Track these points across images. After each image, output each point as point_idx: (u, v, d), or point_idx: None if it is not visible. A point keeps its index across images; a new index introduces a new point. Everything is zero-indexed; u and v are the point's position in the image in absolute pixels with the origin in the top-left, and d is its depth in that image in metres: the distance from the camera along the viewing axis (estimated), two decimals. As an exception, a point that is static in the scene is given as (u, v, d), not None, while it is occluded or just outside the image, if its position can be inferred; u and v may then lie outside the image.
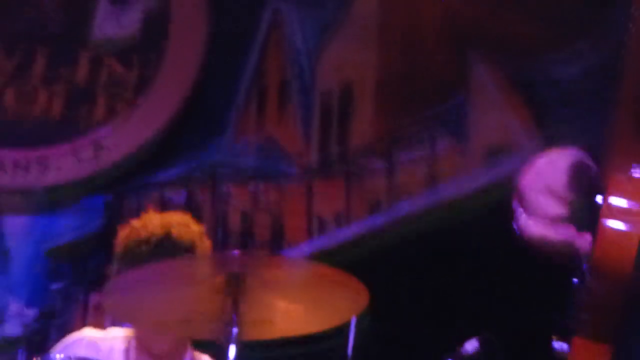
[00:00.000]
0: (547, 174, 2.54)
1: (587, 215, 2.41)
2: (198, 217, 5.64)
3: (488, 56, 7.09)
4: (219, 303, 4.17)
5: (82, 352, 4.84)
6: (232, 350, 4.07)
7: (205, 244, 5.10)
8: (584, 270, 2.40)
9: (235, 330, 4.08)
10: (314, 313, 4.43)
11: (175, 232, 5.02)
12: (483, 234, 6.25)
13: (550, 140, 6.06)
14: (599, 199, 2.34)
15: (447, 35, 7.21)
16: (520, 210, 2.58)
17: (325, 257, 6.61)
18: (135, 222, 5.18)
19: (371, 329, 4.93)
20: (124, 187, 7.07)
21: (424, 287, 6.10)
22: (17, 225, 6.99)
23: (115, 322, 5.24)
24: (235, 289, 4.15)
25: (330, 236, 7.04)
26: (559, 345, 2.46)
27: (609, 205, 2.31)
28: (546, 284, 2.75)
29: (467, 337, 4.47)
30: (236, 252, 4.54)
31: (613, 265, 2.27)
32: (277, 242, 7.00)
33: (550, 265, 2.59)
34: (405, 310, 5.67)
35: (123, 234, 5.10)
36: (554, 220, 2.47)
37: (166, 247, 4.94)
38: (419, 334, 5.47)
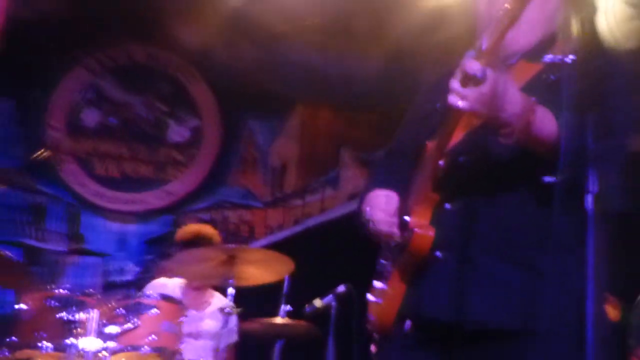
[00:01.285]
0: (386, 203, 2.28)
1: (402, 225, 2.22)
2: (214, 226, 6.01)
3: (350, 149, 7.47)
4: (224, 268, 4.48)
5: (159, 290, 4.84)
6: (230, 290, 4.47)
7: (217, 238, 5.29)
8: (393, 246, 2.28)
9: (232, 280, 4.44)
10: (268, 273, 4.69)
11: (202, 231, 5.28)
12: (347, 236, 6.22)
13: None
14: (406, 218, 2.21)
15: (331, 138, 7.65)
16: (367, 215, 2.28)
17: (273, 246, 6.42)
18: (183, 227, 5.50)
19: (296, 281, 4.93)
20: (179, 212, 7.52)
21: (320, 260, 6.22)
22: (131, 228, 7.43)
23: (176, 276, 5.27)
24: (231, 261, 4.46)
25: (275, 236, 7.37)
26: (376, 284, 2.35)
27: (413, 221, 2.20)
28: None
29: (339, 284, 5.04)
30: (232, 245, 4.81)
31: (418, 249, 2.17)
32: (250, 239, 7.45)
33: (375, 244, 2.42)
34: (311, 271, 5.37)
35: (179, 232, 5.38)
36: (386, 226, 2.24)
37: (198, 238, 5.18)
38: (316, 283, 5.36)
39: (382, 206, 2.28)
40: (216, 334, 5.02)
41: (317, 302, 5.12)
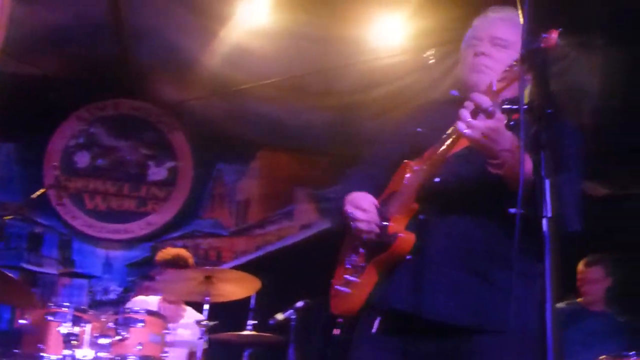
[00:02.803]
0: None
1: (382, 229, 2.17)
2: (188, 251, 5.86)
3: (304, 189, 7.47)
4: (202, 286, 4.54)
5: (141, 306, 4.80)
6: (206, 307, 4.47)
7: (191, 260, 5.32)
8: (368, 244, 2.22)
9: (207, 298, 4.47)
10: (239, 291, 4.76)
11: (180, 253, 5.32)
12: (300, 259, 6.59)
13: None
14: (385, 223, 2.17)
15: (287, 178, 7.56)
16: (349, 214, 2.19)
17: (238, 268, 6.10)
18: (163, 250, 5.51)
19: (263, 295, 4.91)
20: (157, 240, 7.28)
21: (278, 279, 5.75)
22: (115, 254, 7.20)
23: (158, 293, 5.33)
24: (208, 281, 4.53)
25: (239, 260, 7.27)
26: (346, 277, 2.30)
27: (392, 226, 2.15)
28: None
29: (296, 301, 5.12)
30: (206, 267, 4.83)
31: (399, 251, 2.11)
32: (218, 263, 7.28)
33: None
34: (270, 289, 5.08)
35: (159, 254, 5.41)
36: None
37: (176, 259, 5.23)
38: (275, 300, 5.28)
39: (363, 206, 2.21)
40: (190, 343, 4.95)
41: (279, 316, 5.08)
